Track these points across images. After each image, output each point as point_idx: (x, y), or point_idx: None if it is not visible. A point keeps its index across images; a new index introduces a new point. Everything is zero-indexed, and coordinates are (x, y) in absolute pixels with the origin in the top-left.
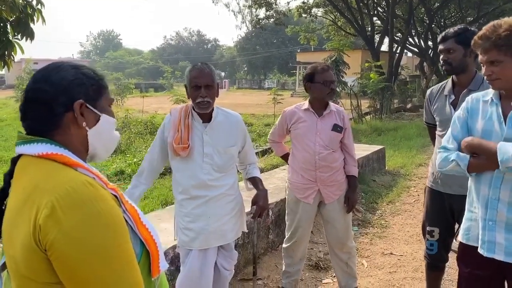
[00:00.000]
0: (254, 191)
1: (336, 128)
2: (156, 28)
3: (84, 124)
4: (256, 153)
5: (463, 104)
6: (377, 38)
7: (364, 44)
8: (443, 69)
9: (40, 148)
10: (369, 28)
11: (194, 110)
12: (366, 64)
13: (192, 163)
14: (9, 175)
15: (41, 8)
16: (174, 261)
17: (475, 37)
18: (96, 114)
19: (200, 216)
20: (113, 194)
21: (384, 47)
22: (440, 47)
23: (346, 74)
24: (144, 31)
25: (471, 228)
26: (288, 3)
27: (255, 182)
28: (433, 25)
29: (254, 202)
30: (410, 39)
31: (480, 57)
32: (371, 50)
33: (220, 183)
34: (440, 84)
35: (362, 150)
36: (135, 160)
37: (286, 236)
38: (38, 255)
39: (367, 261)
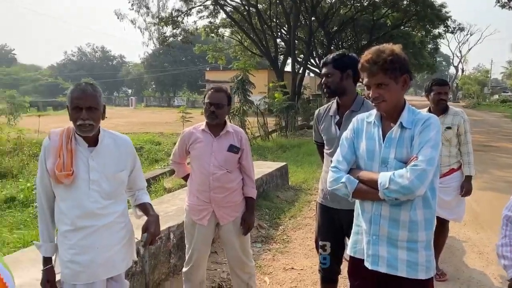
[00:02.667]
0: (144, 218)
1: (233, 148)
2: (56, 43)
3: None
4: (164, 172)
5: (350, 125)
6: (281, 58)
7: (269, 64)
8: (324, 91)
9: None
10: (274, 49)
11: (76, 133)
12: (270, 84)
13: (77, 191)
14: None
15: None
16: None
17: (363, 61)
18: None
19: (88, 248)
20: None
21: (288, 68)
22: (322, 71)
23: (252, 93)
24: (43, 46)
25: (357, 241)
26: (195, 22)
27: (145, 208)
28: (332, 47)
29: (144, 229)
30: (312, 60)
31: (365, 80)
32: (275, 70)
33: (109, 211)
34: (327, 105)
35: (266, 167)
36: (28, 185)
37: (186, 260)
38: None
39: (270, 277)
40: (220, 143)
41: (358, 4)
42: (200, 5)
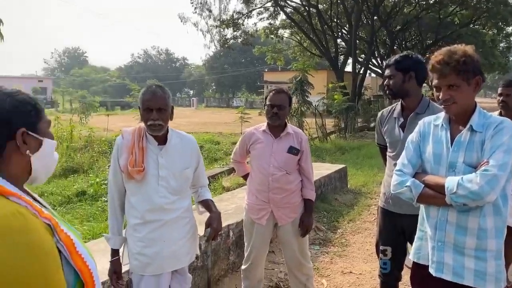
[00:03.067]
0: (206, 215)
1: (292, 150)
2: (124, 46)
3: (27, 151)
4: (223, 171)
5: (416, 128)
6: (341, 58)
7: (329, 64)
8: (386, 93)
9: None
10: (334, 50)
11: (147, 132)
12: (330, 85)
13: (147, 187)
14: None
15: (1, 25)
16: (129, 286)
17: (433, 62)
18: (38, 139)
19: (155, 241)
20: (46, 223)
21: (348, 68)
22: (384, 73)
23: (310, 94)
24: (112, 49)
25: (421, 247)
26: (255, 24)
27: (207, 204)
28: (395, 47)
29: (208, 224)
30: (373, 60)
31: (435, 81)
32: (335, 70)
33: (175, 206)
34: (390, 107)
35: (325, 169)
36: (97, 180)
37: (244, 258)
38: None
39: (327, 280)
40: (280, 144)
41: (424, 2)
42: (261, 7)
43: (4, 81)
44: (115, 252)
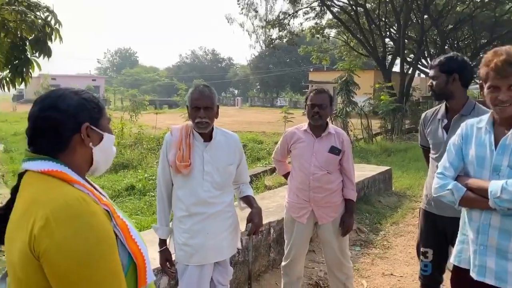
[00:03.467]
0: (247, 211)
1: (334, 150)
2: (172, 46)
3: (90, 144)
4: (265, 170)
5: (458, 131)
6: (389, 58)
7: (376, 64)
8: (430, 95)
9: (43, 165)
10: (381, 49)
11: (194, 129)
12: (377, 85)
13: (193, 181)
14: (15, 189)
15: (59, 27)
16: (175, 275)
17: (496, 61)
18: (99, 133)
19: (199, 233)
20: (105, 209)
21: (396, 68)
22: (429, 74)
23: (356, 94)
24: (161, 49)
25: (463, 250)
26: (301, 24)
27: (248, 200)
28: (446, 47)
29: (249, 220)
30: (423, 60)
31: (494, 81)
32: (382, 70)
33: (219, 200)
34: (434, 108)
35: (369, 170)
36: (145, 175)
37: (284, 255)
38: (32, 262)
39: (367, 281)
40: (322, 144)
41: (478, 0)
42: (307, 7)
43: (62, 79)
44: (163, 242)
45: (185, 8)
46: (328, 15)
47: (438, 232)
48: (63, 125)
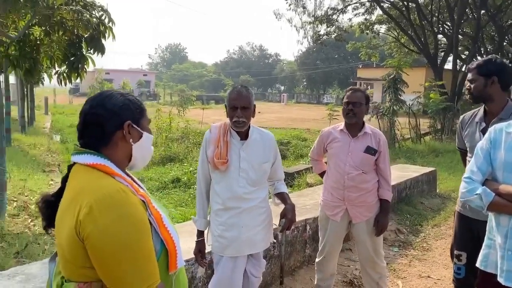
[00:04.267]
0: (282, 207)
1: (370, 150)
2: (221, 42)
3: (130, 140)
4: (308, 168)
5: (486, 135)
6: (441, 56)
7: (427, 61)
8: (468, 97)
9: (89, 158)
10: (433, 46)
11: (232, 128)
12: (427, 83)
13: (229, 177)
14: (65, 179)
15: (112, 25)
16: (211, 265)
17: None
18: (139, 132)
19: (234, 226)
20: (141, 200)
21: (449, 66)
22: (467, 77)
23: (404, 92)
24: (209, 45)
25: (489, 255)
26: (350, 19)
27: (282, 197)
28: (504, 43)
29: (282, 215)
30: (478, 57)
31: None
32: (433, 68)
33: (253, 196)
34: (473, 111)
35: (412, 171)
36: (191, 169)
37: (318, 251)
38: (77, 244)
39: (403, 282)
40: (357, 144)
41: None
42: (356, 2)
43: (115, 74)
44: (200, 234)
45: (234, 4)
46: (378, 11)
47: (472, 235)
48: (108, 121)
